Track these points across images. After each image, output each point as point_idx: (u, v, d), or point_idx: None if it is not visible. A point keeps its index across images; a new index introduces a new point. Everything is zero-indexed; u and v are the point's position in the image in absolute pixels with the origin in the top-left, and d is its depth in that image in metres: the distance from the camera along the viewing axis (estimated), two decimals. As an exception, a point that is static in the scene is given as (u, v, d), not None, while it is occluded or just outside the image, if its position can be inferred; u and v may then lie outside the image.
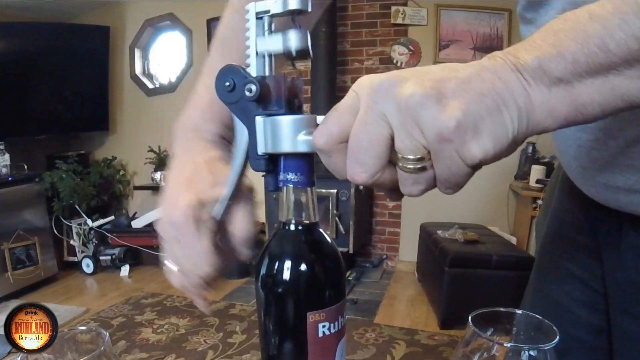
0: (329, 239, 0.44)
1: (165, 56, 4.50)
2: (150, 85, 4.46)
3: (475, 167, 0.31)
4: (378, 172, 0.32)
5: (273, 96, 0.38)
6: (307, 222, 0.42)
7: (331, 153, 0.34)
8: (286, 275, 0.40)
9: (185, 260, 0.45)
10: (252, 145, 0.40)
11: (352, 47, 3.74)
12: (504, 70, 0.30)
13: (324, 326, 0.40)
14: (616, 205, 0.55)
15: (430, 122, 0.29)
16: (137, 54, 4.46)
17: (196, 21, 4.09)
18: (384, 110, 0.31)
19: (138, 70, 4.47)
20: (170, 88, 4.32)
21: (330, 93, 3.51)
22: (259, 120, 0.39)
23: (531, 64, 0.29)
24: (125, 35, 4.43)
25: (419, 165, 0.31)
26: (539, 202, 2.82)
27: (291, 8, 0.37)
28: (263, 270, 0.42)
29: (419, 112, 0.29)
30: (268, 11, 0.39)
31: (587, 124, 0.50)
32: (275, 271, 0.41)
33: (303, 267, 0.41)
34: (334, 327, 0.41)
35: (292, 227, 0.42)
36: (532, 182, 3.04)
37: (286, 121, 0.38)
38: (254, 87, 0.38)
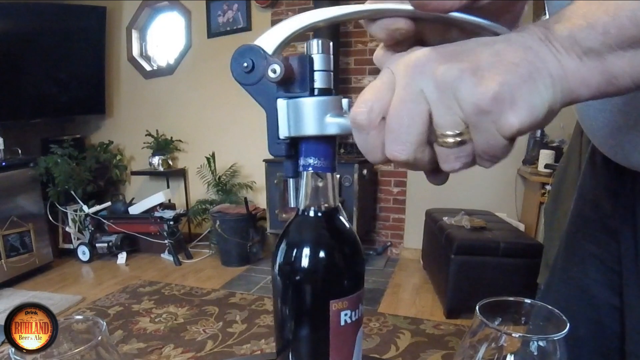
0: (348, 225, 0.43)
1: (164, 38, 4.42)
2: (147, 68, 4.40)
3: (512, 139, 0.31)
4: (418, 149, 0.33)
5: (297, 78, 0.38)
6: (329, 208, 0.42)
7: (370, 130, 0.34)
8: (310, 263, 0.40)
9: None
10: (271, 129, 0.39)
11: (355, 28, 3.63)
12: (534, 40, 0.30)
13: (346, 314, 0.40)
14: None
15: (468, 95, 0.30)
16: (135, 35, 4.40)
17: (195, 2, 4.00)
18: (422, 87, 0.31)
19: (135, 52, 4.42)
20: (169, 70, 4.26)
21: (333, 75, 3.39)
22: (282, 103, 0.38)
23: (561, 33, 0.30)
24: (122, 16, 4.37)
25: (458, 139, 0.31)
26: (548, 187, 2.76)
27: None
28: (284, 258, 0.41)
29: (456, 85, 0.30)
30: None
31: None
32: (298, 259, 0.40)
33: (329, 255, 0.41)
34: (355, 316, 0.41)
35: (313, 214, 0.42)
36: (540, 167, 2.98)
37: (313, 103, 0.37)
38: (278, 68, 0.36)
